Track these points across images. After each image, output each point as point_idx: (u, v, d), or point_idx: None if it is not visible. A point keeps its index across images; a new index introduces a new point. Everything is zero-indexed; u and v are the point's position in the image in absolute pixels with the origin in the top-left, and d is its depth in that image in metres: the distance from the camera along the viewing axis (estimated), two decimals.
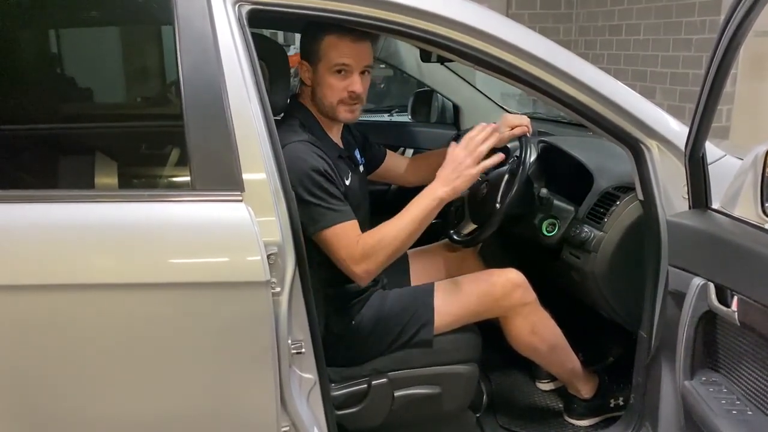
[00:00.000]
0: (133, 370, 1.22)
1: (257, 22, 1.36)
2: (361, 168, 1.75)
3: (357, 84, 1.54)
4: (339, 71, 1.52)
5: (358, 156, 1.76)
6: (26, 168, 1.53)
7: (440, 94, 2.78)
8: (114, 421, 1.26)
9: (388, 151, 1.96)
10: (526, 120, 1.80)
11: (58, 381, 1.20)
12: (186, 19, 1.25)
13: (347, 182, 1.59)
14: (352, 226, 1.47)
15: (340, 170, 1.55)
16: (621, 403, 1.84)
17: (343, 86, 1.53)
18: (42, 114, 1.65)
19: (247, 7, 1.30)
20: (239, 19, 1.28)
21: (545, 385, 2.05)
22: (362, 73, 1.55)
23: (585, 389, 1.85)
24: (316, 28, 1.53)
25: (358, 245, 1.45)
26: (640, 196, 1.54)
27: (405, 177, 1.97)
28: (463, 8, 1.40)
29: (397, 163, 1.96)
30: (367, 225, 1.75)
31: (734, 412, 1.23)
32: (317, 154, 1.48)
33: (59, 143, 1.66)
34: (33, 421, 1.22)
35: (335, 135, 1.65)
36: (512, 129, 1.78)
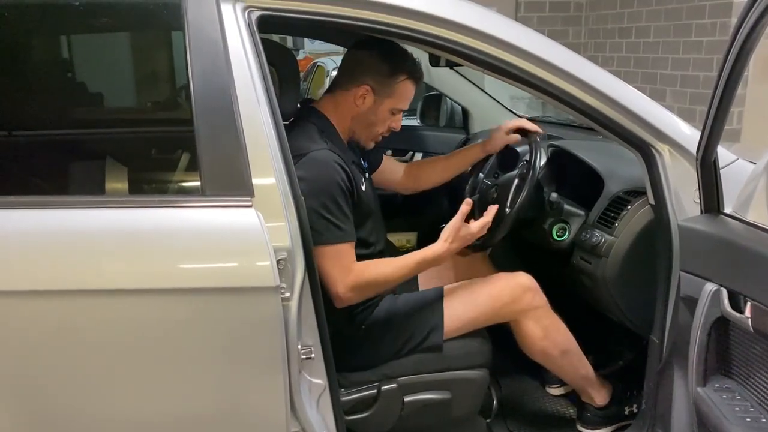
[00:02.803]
0: (143, 375, 1.23)
1: (267, 27, 1.36)
2: (367, 174, 1.75)
3: (400, 122, 1.67)
4: (395, 113, 1.64)
5: (363, 162, 1.76)
6: (37, 173, 1.54)
7: (449, 97, 2.78)
8: (123, 426, 1.26)
9: (384, 155, 1.97)
10: (524, 122, 1.83)
11: (69, 385, 1.21)
12: (196, 25, 1.26)
13: (363, 188, 1.60)
14: (350, 248, 1.48)
15: (356, 177, 1.56)
16: (635, 411, 1.82)
17: (390, 122, 1.66)
18: (54, 119, 1.66)
19: (256, 13, 1.30)
20: (249, 25, 1.29)
21: (555, 390, 2.03)
22: None
23: (599, 396, 1.82)
24: (396, 64, 1.58)
25: (353, 274, 1.47)
26: (652, 201, 1.53)
27: (403, 182, 1.97)
28: (472, 12, 1.40)
29: (394, 168, 1.97)
30: (382, 229, 1.75)
31: (748, 419, 1.22)
32: (339, 165, 1.48)
33: (71, 148, 1.67)
34: (46, 424, 1.23)
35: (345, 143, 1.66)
36: (514, 132, 1.83)
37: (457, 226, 1.51)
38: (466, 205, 1.52)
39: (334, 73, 2.51)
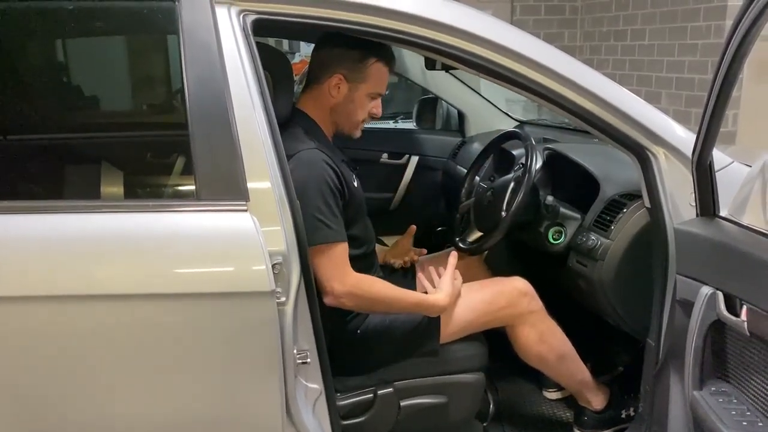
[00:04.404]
0: (139, 380, 1.22)
1: (261, 30, 1.36)
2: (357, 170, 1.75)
3: (380, 107, 1.64)
4: (374, 97, 1.62)
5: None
6: (32, 178, 1.53)
7: (445, 101, 2.78)
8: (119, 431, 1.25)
9: None
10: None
11: (64, 390, 1.20)
12: (191, 29, 1.25)
13: (355, 184, 1.60)
14: (342, 247, 1.47)
15: (346, 175, 1.55)
16: (632, 414, 1.82)
17: (369, 108, 1.62)
18: (49, 124, 1.65)
19: (251, 17, 1.30)
20: (244, 29, 1.28)
21: (552, 394, 2.03)
22: None
23: (596, 400, 1.82)
24: (364, 48, 1.56)
25: (354, 277, 1.46)
26: (647, 204, 1.53)
27: None
28: (467, 16, 1.40)
29: None
30: (370, 228, 1.74)
31: (744, 423, 1.22)
32: (328, 164, 1.48)
33: (66, 153, 1.67)
34: (43, 428, 1.22)
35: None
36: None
37: (453, 276, 1.61)
38: (453, 258, 1.64)
39: None
